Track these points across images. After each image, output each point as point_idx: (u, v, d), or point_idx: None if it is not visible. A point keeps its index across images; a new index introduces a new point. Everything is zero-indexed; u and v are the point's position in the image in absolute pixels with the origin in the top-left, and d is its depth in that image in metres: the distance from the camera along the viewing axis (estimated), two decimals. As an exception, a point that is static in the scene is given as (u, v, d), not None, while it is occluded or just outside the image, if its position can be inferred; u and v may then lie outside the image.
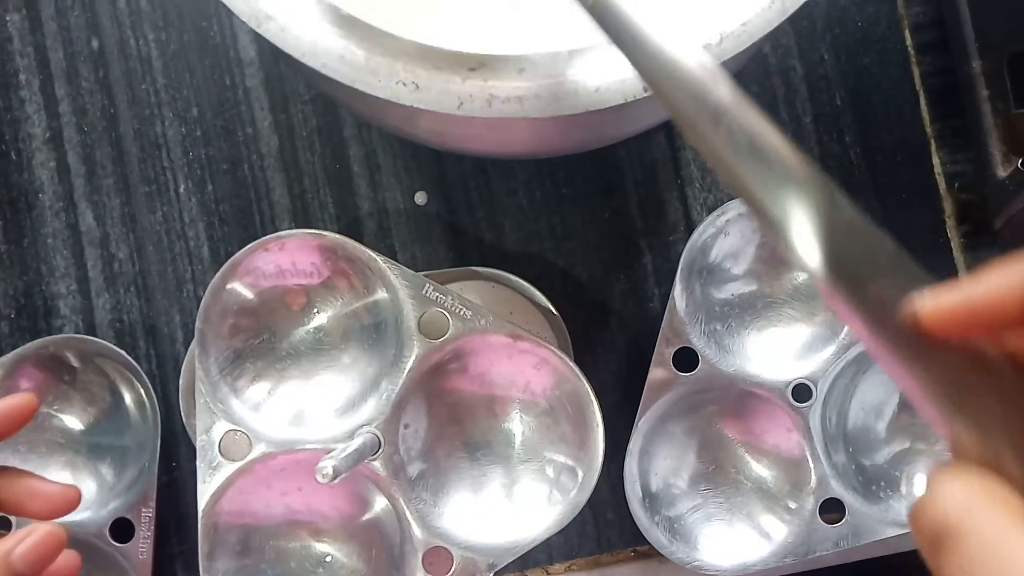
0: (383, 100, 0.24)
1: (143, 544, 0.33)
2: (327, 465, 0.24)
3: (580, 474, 0.31)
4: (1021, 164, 0.33)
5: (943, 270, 0.37)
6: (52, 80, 0.38)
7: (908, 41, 0.37)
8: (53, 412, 0.35)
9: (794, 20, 0.37)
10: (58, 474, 0.35)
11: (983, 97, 0.34)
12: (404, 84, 0.23)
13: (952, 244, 0.37)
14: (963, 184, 0.37)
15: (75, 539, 0.34)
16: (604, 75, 0.23)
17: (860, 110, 0.37)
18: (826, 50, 0.37)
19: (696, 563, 0.33)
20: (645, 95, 0.24)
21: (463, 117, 0.24)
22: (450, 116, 0.24)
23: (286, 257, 0.31)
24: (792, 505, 0.34)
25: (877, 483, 0.34)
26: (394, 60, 0.23)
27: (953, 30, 0.36)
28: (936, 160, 0.37)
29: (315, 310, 0.33)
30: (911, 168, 0.37)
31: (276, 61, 0.38)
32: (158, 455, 0.34)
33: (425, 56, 0.24)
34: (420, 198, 0.37)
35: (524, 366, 0.32)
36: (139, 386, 0.35)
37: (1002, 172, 0.34)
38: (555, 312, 0.35)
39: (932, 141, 0.37)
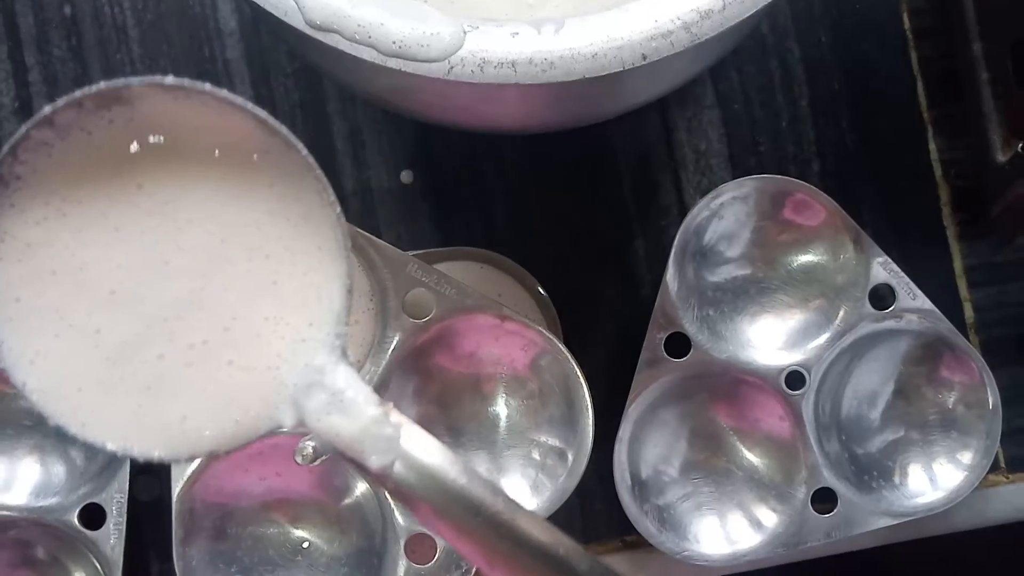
0: (368, 64, 0.23)
1: (114, 531, 0.32)
2: (307, 446, 0.23)
3: (570, 457, 0.30)
4: (1021, 148, 0.32)
5: (938, 259, 0.36)
6: (21, 47, 0.36)
7: (907, 25, 0.37)
8: (20, 393, 0.34)
9: (792, 0, 0.37)
10: (26, 458, 0.34)
11: (984, 80, 0.34)
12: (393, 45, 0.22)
13: (948, 232, 0.37)
14: (960, 171, 0.36)
15: (42, 525, 0.32)
16: (601, 42, 0.23)
17: (857, 95, 0.37)
18: (824, 33, 0.37)
19: (686, 553, 0.33)
20: (643, 63, 0.23)
21: (453, 83, 0.23)
22: (439, 83, 0.23)
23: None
24: (784, 494, 0.33)
25: (870, 473, 0.34)
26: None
27: (954, 12, 0.35)
28: (933, 147, 0.37)
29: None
30: (908, 154, 0.37)
31: (258, 32, 0.36)
32: (130, 438, 0.33)
33: (414, 17, 0.22)
34: (406, 176, 0.36)
35: (512, 347, 0.32)
36: (111, 367, 0.34)
37: (1001, 157, 0.33)
38: (544, 294, 0.34)
39: (929, 127, 0.37)
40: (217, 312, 0.20)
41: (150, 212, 0.20)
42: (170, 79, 0.19)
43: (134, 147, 0.20)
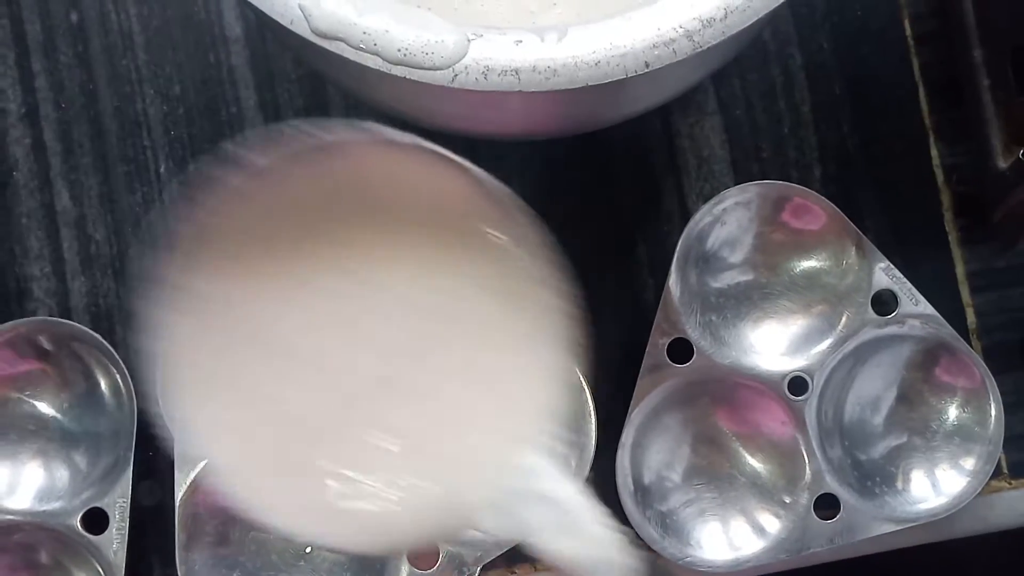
0: (374, 71, 0.23)
1: (116, 536, 0.32)
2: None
3: (572, 463, 0.30)
4: (1022, 154, 0.32)
5: (940, 264, 0.36)
6: (28, 54, 0.36)
7: (907, 31, 0.37)
8: (24, 398, 0.34)
9: (794, 6, 0.37)
10: (29, 462, 0.34)
11: (984, 87, 0.34)
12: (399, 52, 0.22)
13: (950, 238, 0.37)
14: (961, 177, 0.37)
15: (46, 529, 0.33)
16: (604, 49, 0.23)
17: (859, 101, 0.37)
18: (825, 39, 0.37)
19: (688, 559, 0.33)
20: (646, 71, 0.23)
21: (457, 91, 0.23)
22: (443, 90, 0.23)
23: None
24: (786, 500, 0.34)
25: (872, 479, 0.34)
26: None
27: (954, 18, 0.35)
28: (934, 152, 0.37)
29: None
30: (909, 160, 0.37)
31: (263, 39, 0.37)
32: (134, 443, 0.33)
33: (418, 25, 0.23)
34: (409, 182, 0.36)
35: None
36: (115, 372, 0.34)
37: (1002, 163, 0.33)
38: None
39: (931, 133, 0.37)
40: (415, 396, 0.17)
41: (347, 275, 0.17)
42: (389, 131, 0.17)
43: (333, 197, 0.17)
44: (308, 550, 0.32)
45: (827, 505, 0.33)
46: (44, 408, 0.34)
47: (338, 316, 0.17)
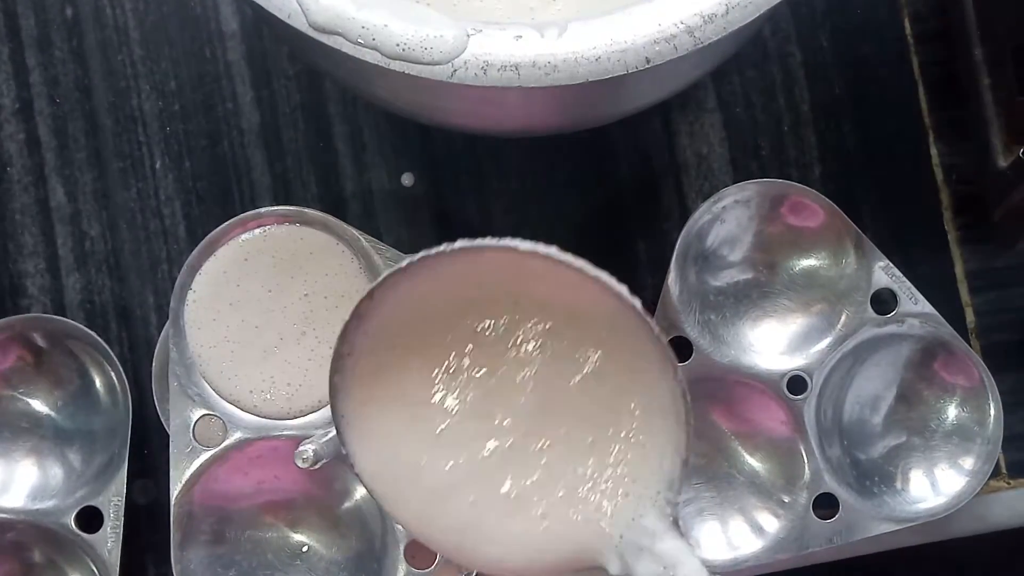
0: (372, 66, 0.23)
1: (111, 534, 0.32)
2: (307, 449, 0.23)
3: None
4: (1023, 153, 0.32)
5: (940, 263, 0.36)
6: (23, 48, 0.36)
7: (908, 30, 0.37)
8: (18, 395, 0.34)
9: (794, 4, 0.37)
10: (23, 460, 0.34)
11: (985, 86, 0.34)
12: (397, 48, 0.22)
13: (949, 237, 0.37)
14: (961, 176, 0.36)
15: (39, 528, 0.32)
16: (605, 45, 0.23)
17: (858, 99, 0.37)
18: (825, 37, 0.37)
19: (686, 558, 0.33)
20: (646, 67, 0.23)
21: (456, 86, 0.23)
22: (442, 85, 0.23)
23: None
24: (785, 500, 0.33)
25: (871, 478, 0.34)
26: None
27: (955, 17, 0.35)
28: (934, 151, 0.37)
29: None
30: (908, 159, 0.37)
31: (259, 34, 0.36)
32: (129, 441, 0.33)
33: (417, 20, 0.22)
34: (407, 179, 0.36)
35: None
36: (110, 369, 0.34)
37: (1003, 162, 0.33)
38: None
39: (930, 132, 0.37)
40: (531, 468, 0.21)
41: (488, 350, 0.21)
42: (524, 244, 0.20)
43: (473, 286, 0.21)
44: (305, 549, 0.32)
45: (826, 504, 0.33)
46: (38, 405, 0.34)
47: (468, 401, 0.21)
